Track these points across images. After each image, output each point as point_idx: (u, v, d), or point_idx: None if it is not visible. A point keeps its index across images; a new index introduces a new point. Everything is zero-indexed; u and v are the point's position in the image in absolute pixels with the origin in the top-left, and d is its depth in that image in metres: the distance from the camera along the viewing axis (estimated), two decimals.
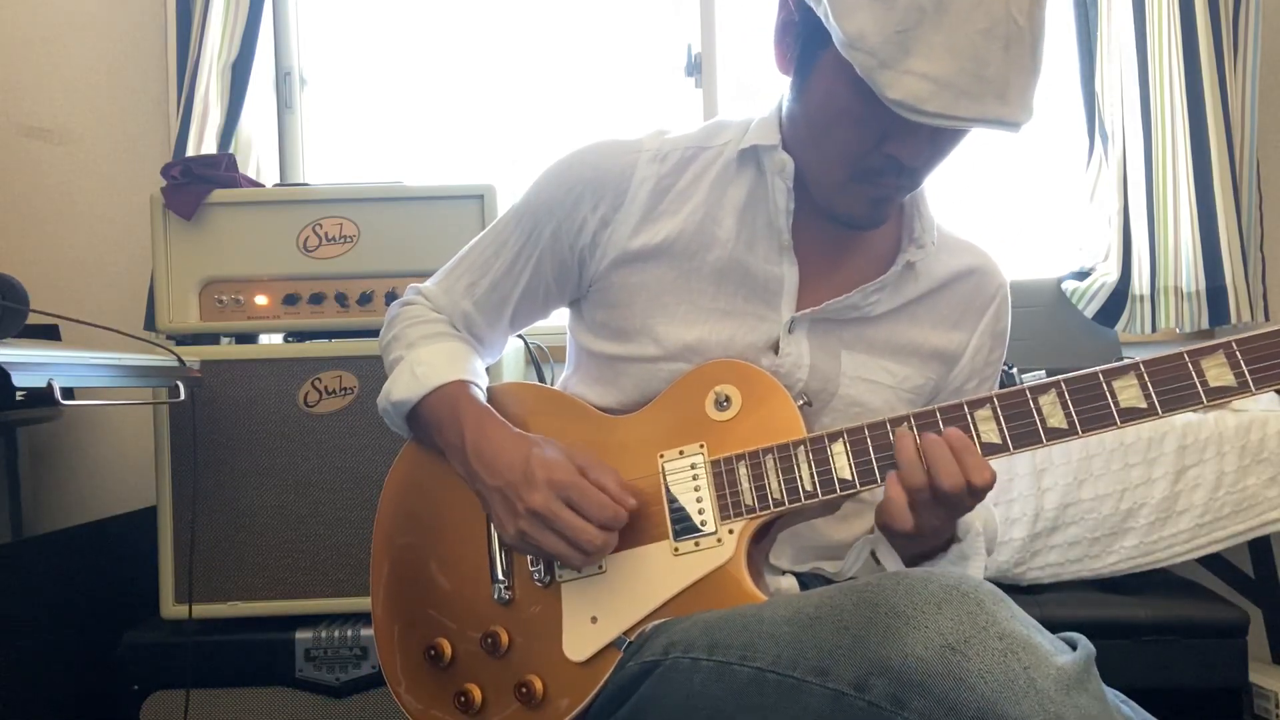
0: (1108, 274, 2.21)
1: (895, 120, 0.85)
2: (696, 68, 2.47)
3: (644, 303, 1.04)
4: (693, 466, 0.96)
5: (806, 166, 0.99)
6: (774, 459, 0.92)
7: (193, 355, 1.63)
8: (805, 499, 0.90)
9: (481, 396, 1.05)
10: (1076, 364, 1.01)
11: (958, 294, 1.08)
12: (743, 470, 0.93)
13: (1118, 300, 2.20)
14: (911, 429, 0.88)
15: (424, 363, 1.05)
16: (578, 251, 1.06)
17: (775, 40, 0.97)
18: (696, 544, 0.93)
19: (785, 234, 1.01)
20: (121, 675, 1.63)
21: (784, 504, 0.91)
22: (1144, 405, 0.82)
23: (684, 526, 0.93)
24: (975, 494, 0.85)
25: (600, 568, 0.95)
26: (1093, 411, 0.83)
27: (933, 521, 0.88)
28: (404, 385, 1.05)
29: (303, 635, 1.63)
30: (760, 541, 0.95)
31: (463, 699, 0.97)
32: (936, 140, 0.90)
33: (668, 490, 0.95)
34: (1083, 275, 2.26)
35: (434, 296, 1.16)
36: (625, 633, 0.92)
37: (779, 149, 1.00)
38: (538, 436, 0.98)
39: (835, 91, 0.90)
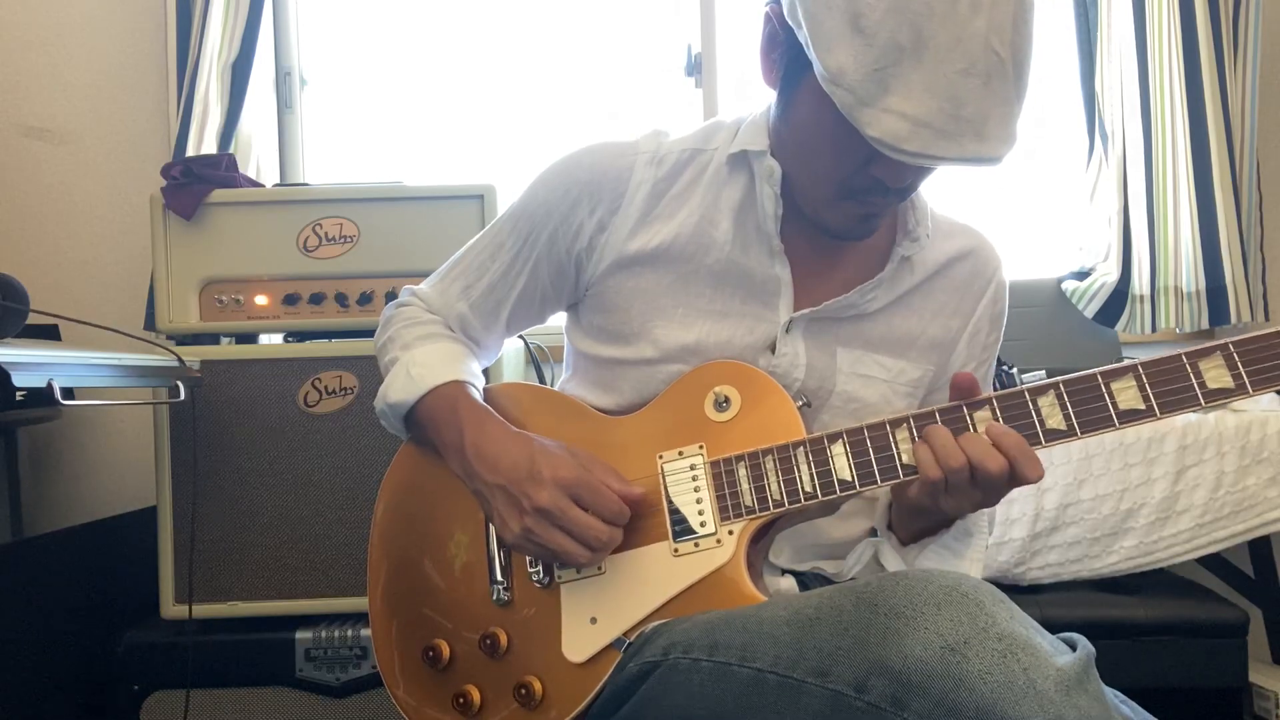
0: (1108, 274, 2.21)
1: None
2: (696, 68, 2.47)
3: (642, 306, 1.04)
4: (692, 467, 0.96)
5: (795, 179, 0.99)
6: (773, 460, 0.92)
7: (193, 355, 1.63)
8: (805, 500, 0.90)
9: (479, 397, 1.05)
10: (1077, 364, 1.02)
11: (954, 278, 1.08)
12: (742, 471, 0.93)
13: (1118, 300, 2.20)
14: (911, 430, 0.88)
15: (420, 363, 1.05)
16: (574, 255, 1.06)
17: (761, 53, 0.97)
18: (696, 545, 0.93)
19: (774, 238, 1.01)
20: (121, 675, 1.63)
21: (784, 505, 0.91)
22: (1142, 407, 0.82)
23: (683, 527, 0.93)
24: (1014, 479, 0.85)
25: (600, 569, 0.95)
26: (1091, 413, 0.83)
27: (963, 507, 0.87)
28: (400, 386, 1.05)
29: (303, 635, 1.63)
30: (759, 542, 0.95)
31: (461, 700, 0.97)
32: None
33: (667, 491, 0.95)
34: (1083, 275, 2.26)
35: (429, 298, 1.16)
36: (625, 633, 0.92)
37: (767, 155, 1.00)
38: (538, 435, 0.98)
39: (819, 115, 0.89)
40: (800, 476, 0.91)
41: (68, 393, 1.20)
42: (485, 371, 1.14)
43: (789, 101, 0.95)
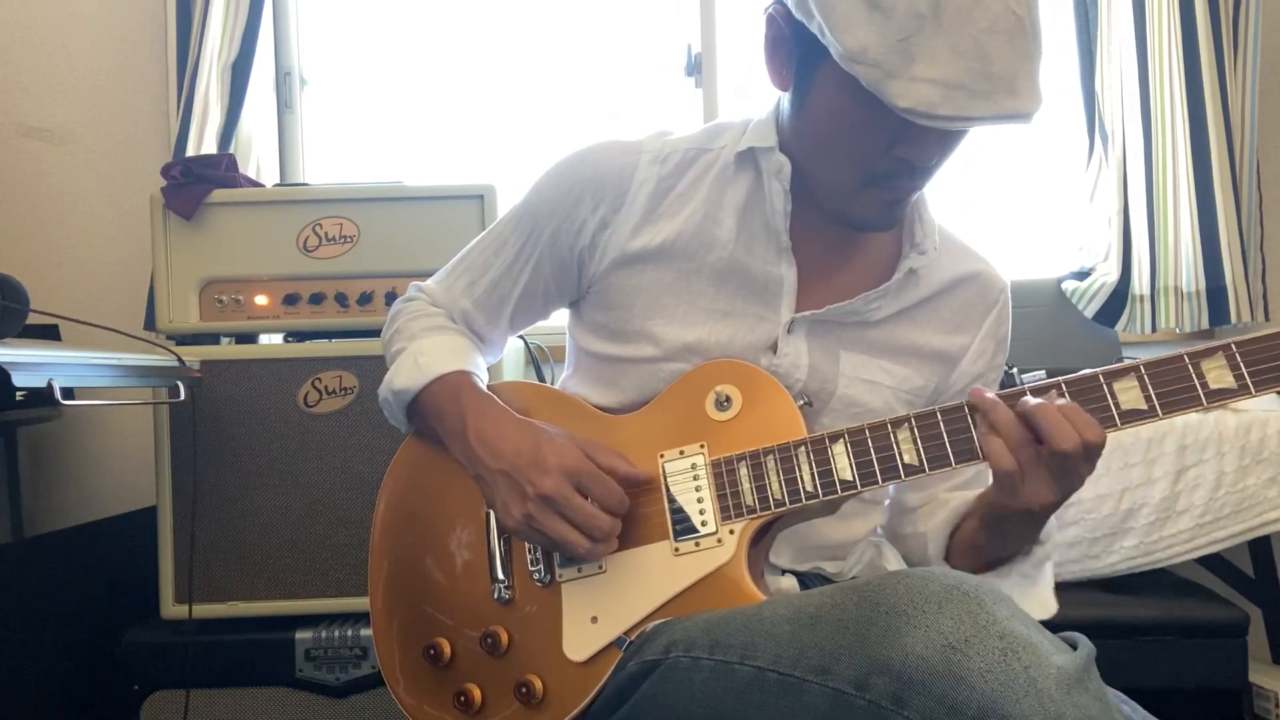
0: (1108, 274, 2.21)
1: (904, 125, 0.85)
2: (696, 68, 2.47)
3: (643, 304, 1.04)
4: (693, 466, 0.96)
5: (815, 176, 0.98)
6: (775, 459, 0.92)
7: (193, 355, 1.63)
8: (806, 499, 0.90)
9: (483, 388, 1.05)
10: (1077, 364, 1.02)
11: (959, 299, 1.08)
12: (743, 470, 0.93)
13: (1118, 300, 2.20)
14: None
15: (426, 353, 1.06)
16: (577, 253, 1.06)
17: (767, 58, 0.97)
18: (697, 544, 0.93)
19: (783, 235, 1.01)
20: (121, 675, 1.63)
21: (785, 504, 0.91)
22: (1144, 407, 0.82)
23: (684, 526, 0.93)
24: (1090, 455, 0.82)
25: (600, 567, 0.95)
26: (1093, 413, 0.83)
27: (1044, 494, 0.84)
28: (406, 374, 1.05)
29: (303, 635, 1.63)
30: (760, 541, 0.95)
31: (462, 699, 0.97)
32: (944, 139, 0.89)
33: (668, 490, 0.95)
34: (1083, 275, 2.26)
35: (434, 293, 1.16)
36: (625, 632, 0.92)
37: (775, 151, 1.00)
38: (542, 423, 0.98)
39: (839, 103, 0.89)
40: (801, 476, 0.91)
41: (68, 393, 1.20)
42: (486, 371, 1.14)
43: (804, 97, 0.95)
